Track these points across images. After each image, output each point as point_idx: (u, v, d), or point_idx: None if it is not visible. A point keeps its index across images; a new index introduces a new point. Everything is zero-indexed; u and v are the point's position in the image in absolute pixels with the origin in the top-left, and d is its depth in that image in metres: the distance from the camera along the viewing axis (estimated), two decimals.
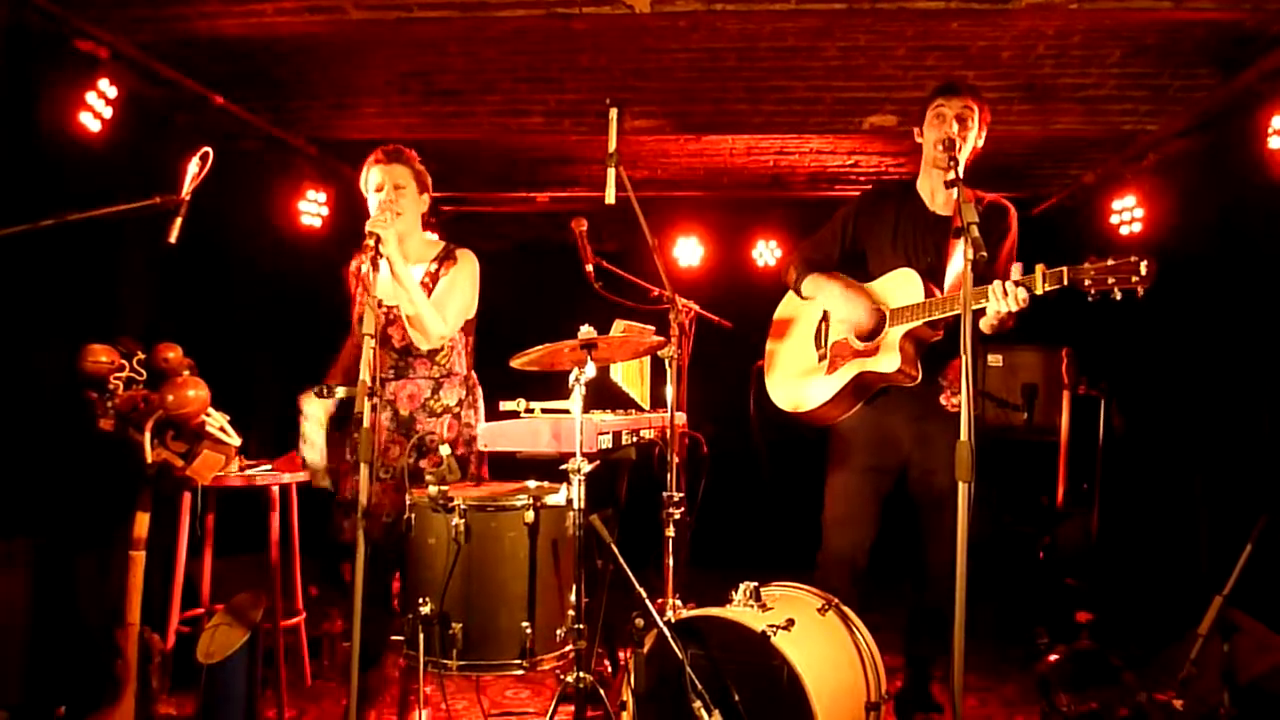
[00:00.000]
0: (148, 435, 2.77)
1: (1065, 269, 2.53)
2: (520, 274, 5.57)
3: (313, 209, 5.26)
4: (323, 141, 5.03)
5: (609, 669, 3.43)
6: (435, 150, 3.21)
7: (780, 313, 3.37)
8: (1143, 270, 2.41)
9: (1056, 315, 3.80)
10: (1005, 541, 4.94)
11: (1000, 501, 5.11)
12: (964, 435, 2.22)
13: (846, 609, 2.84)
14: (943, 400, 2.99)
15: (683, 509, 2.86)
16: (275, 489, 3.62)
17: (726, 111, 4.64)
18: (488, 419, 3.18)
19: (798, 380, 3.18)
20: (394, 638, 2.80)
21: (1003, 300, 2.58)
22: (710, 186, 6.13)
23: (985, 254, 2.29)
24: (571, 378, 2.66)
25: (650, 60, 4.19)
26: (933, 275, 2.93)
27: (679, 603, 2.77)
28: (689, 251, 6.39)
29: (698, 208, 6.31)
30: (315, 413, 3.08)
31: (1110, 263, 2.45)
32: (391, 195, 3.01)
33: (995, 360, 5.15)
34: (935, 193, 3.05)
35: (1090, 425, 4.80)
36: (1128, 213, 5.07)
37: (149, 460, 2.77)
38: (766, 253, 6.31)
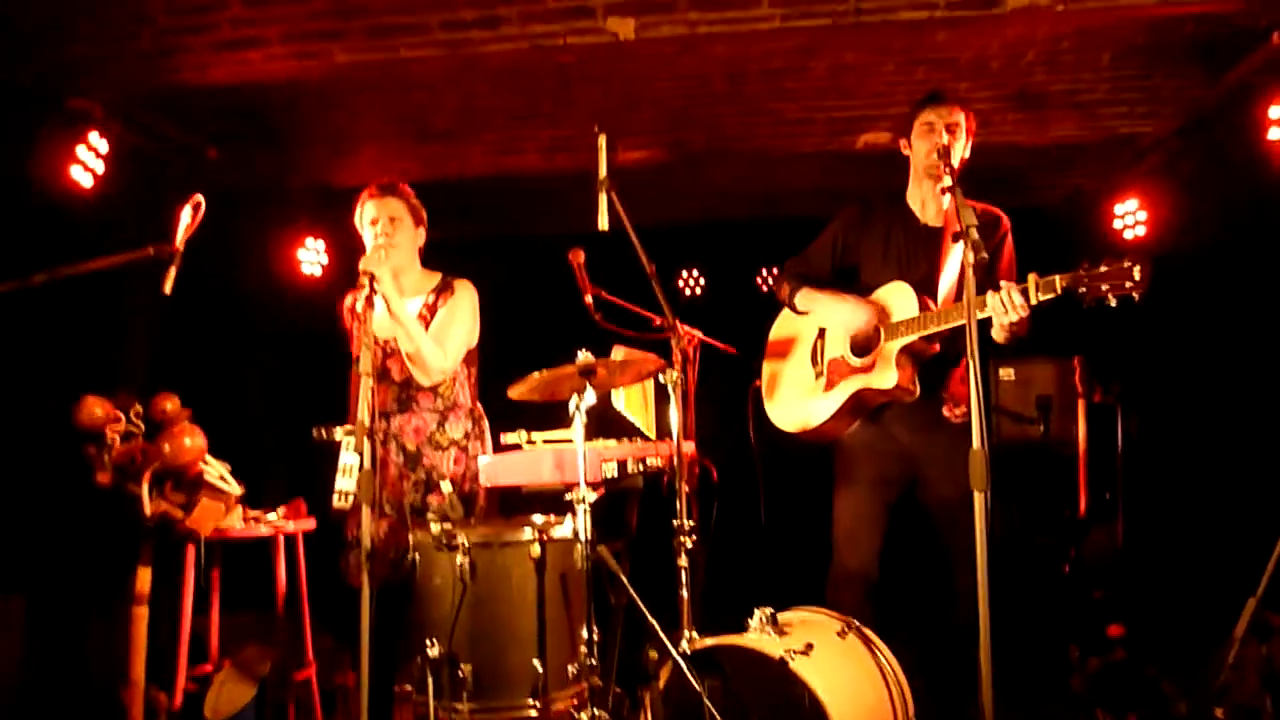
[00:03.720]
0: (145, 487, 2.74)
1: (1058, 277, 2.51)
2: (519, 311, 5.54)
3: (312, 257, 5.28)
4: (319, 189, 5.06)
5: (628, 708, 3.33)
6: (431, 191, 3.20)
7: (775, 333, 3.33)
8: (1136, 275, 2.38)
9: (1066, 324, 3.74)
10: (1029, 557, 4.83)
11: (1022, 517, 5.00)
12: (976, 443, 2.16)
13: (868, 631, 2.75)
14: (945, 412, 2.95)
15: (695, 538, 2.79)
16: (281, 538, 3.56)
17: (720, 138, 4.64)
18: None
19: (796, 400, 3.14)
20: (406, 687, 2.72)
21: (1007, 311, 2.56)
22: (710, 215, 6.12)
23: (986, 255, 2.26)
24: (571, 405, 2.62)
25: (641, 89, 4.20)
26: (926, 287, 2.90)
27: (695, 634, 2.69)
28: (690, 282, 6.38)
29: (698, 237, 6.29)
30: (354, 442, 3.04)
31: (1103, 269, 2.42)
32: (387, 229, 3.00)
33: (1007, 374, 5.06)
34: (926, 203, 3.03)
35: (1108, 434, 4.72)
36: (1130, 216, 5.03)
37: (148, 513, 2.74)
38: (770, 279, 6.28)
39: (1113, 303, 2.41)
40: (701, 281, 6.43)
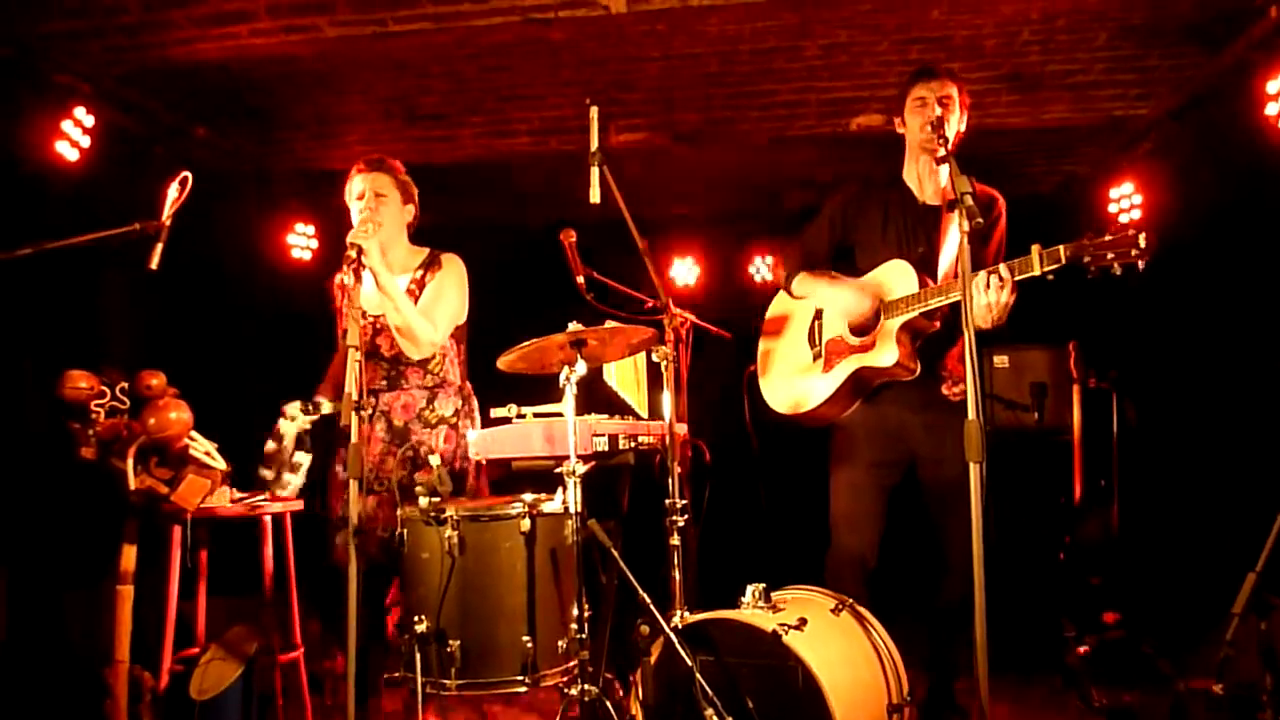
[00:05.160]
0: (130, 462, 2.70)
1: (1062, 246, 2.49)
2: (510, 294, 5.51)
3: (302, 242, 5.24)
4: (308, 173, 5.01)
5: (620, 692, 3.30)
6: (422, 175, 3.16)
7: (771, 312, 3.29)
8: (1141, 243, 2.38)
9: (1060, 310, 3.71)
10: (1024, 544, 4.80)
11: (1016, 504, 4.97)
12: (971, 414, 2.14)
13: (861, 609, 2.72)
14: (944, 391, 2.92)
15: (687, 517, 2.75)
16: (268, 519, 3.51)
17: (712, 120, 4.60)
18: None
19: (793, 380, 3.10)
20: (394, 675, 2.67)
21: (985, 293, 2.55)
22: (703, 203, 6.08)
23: (981, 220, 2.23)
24: (562, 378, 2.58)
25: (633, 70, 4.16)
26: (925, 266, 2.87)
27: (687, 613, 2.66)
28: (685, 270, 6.34)
29: (692, 226, 6.26)
30: (297, 415, 3.01)
31: (1108, 238, 2.42)
32: (372, 204, 2.97)
33: (1001, 361, 5.01)
34: (924, 181, 3.00)
35: (1103, 419, 4.69)
36: (1126, 200, 5.00)
37: (132, 488, 2.69)
38: (764, 268, 6.24)
39: (1118, 271, 2.39)
40: (695, 271, 6.40)
